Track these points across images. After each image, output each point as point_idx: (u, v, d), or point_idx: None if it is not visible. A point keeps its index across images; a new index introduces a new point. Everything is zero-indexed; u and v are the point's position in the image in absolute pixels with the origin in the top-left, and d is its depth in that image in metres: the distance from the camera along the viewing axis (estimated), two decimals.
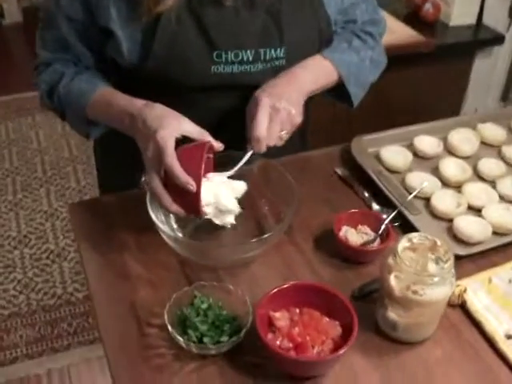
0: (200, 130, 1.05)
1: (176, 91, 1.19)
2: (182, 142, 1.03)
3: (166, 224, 1.11)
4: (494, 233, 1.19)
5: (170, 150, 0.99)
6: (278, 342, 0.95)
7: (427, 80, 2.11)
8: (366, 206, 1.27)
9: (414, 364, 0.98)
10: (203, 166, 1.00)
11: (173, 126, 1.02)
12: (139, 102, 1.09)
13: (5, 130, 3.23)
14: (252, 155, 1.10)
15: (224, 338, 0.97)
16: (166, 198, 1.01)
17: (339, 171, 1.35)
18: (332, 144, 1.46)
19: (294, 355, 0.93)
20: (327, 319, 0.98)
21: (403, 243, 0.97)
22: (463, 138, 1.41)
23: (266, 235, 1.06)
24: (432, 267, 0.96)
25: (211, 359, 0.97)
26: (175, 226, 1.15)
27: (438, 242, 0.97)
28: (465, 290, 1.06)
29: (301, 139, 1.42)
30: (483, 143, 1.44)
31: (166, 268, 1.12)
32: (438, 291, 0.94)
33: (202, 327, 0.97)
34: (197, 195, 1.00)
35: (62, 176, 2.97)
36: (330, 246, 1.16)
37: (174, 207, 1.02)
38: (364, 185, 1.31)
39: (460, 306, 1.06)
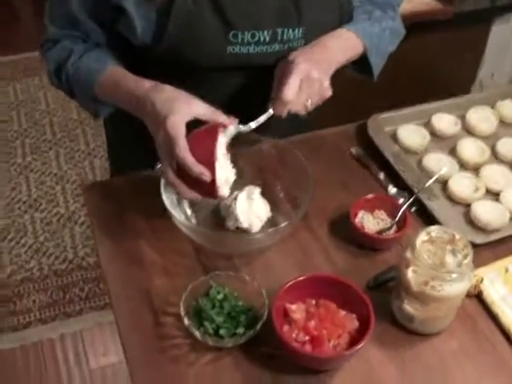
0: (212, 110, 1.02)
1: (190, 71, 1.16)
2: (194, 123, 1.01)
3: (179, 209, 1.10)
4: None
5: (182, 140, 0.97)
6: (293, 335, 0.95)
7: (444, 47, 2.05)
8: (382, 188, 1.25)
9: (430, 355, 0.99)
10: (216, 153, 0.98)
11: (183, 110, 0.99)
12: (147, 84, 1.06)
13: (13, 91, 3.19)
14: (270, 120, 1.07)
15: (240, 330, 0.97)
16: (182, 187, 0.99)
17: (354, 151, 1.33)
18: (345, 117, 1.42)
19: (310, 349, 0.93)
20: (344, 312, 0.98)
21: (422, 237, 0.96)
22: (482, 117, 1.38)
23: (281, 225, 1.05)
24: (450, 259, 0.95)
25: (227, 350, 0.97)
26: (189, 211, 1.13)
27: (457, 236, 0.96)
28: (481, 281, 1.05)
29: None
30: (502, 122, 1.40)
31: (181, 255, 1.11)
32: (456, 287, 0.93)
33: (218, 319, 0.97)
34: (212, 182, 0.98)
35: (71, 138, 2.95)
36: (345, 231, 1.15)
37: (191, 194, 1.00)
38: (380, 166, 1.29)
39: (476, 296, 1.06)
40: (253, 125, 1.06)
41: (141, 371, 0.96)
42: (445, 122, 1.36)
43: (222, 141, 1.03)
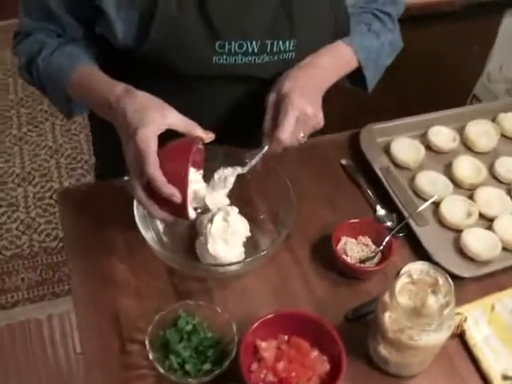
0: (187, 122, 0.95)
1: (173, 77, 1.10)
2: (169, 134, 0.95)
3: (151, 226, 1.05)
4: (504, 249, 1.12)
5: (152, 156, 0.89)
6: (262, 375, 0.91)
7: (452, 39, 1.95)
8: (370, 207, 1.19)
9: None
10: (189, 172, 0.92)
11: (155, 121, 0.91)
12: (119, 89, 0.98)
13: (10, 57, 3.08)
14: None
15: (207, 366, 0.93)
16: (152, 207, 0.93)
17: (345, 163, 1.26)
18: (343, 117, 1.35)
19: None
20: (315, 354, 0.94)
21: (402, 280, 0.90)
22: (481, 131, 1.31)
23: (260, 254, 1.01)
24: (432, 301, 0.90)
25: None
26: (161, 227, 1.08)
27: (440, 281, 0.90)
28: (465, 320, 1.00)
29: None
30: (504, 136, 1.33)
31: (154, 275, 1.07)
32: (434, 337, 0.88)
33: (185, 353, 0.94)
34: (183, 203, 0.92)
35: None
36: (327, 254, 1.09)
37: (161, 214, 0.94)
38: (371, 181, 1.22)
39: (459, 336, 1.01)
40: (249, 166, 1.01)
41: None
42: (442, 136, 1.29)
43: (198, 157, 0.97)
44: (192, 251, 1.08)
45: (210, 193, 0.97)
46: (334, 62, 1.10)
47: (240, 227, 1.07)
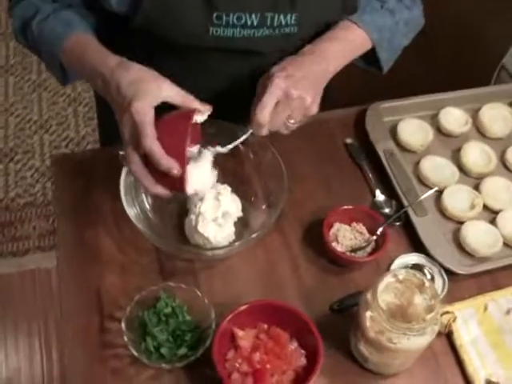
0: (183, 95, 0.91)
1: (170, 47, 1.05)
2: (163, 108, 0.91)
3: (137, 205, 1.02)
4: (506, 245, 1.07)
5: (149, 128, 0.86)
6: (237, 364, 0.89)
7: (480, 4, 1.84)
8: (370, 191, 1.15)
9: None
10: (187, 144, 0.88)
11: (151, 93, 0.88)
12: (113, 61, 0.94)
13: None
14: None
15: (182, 351, 0.92)
16: (148, 180, 0.89)
17: (349, 143, 1.21)
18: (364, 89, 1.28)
19: (251, 382, 0.88)
20: (293, 346, 0.92)
21: (386, 280, 0.87)
22: (497, 116, 1.23)
23: (250, 237, 0.98)
24: (419, 300, 0.87)
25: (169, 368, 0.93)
26: (148, 206, 1.05)
27: (427, 283, 0.86)
28: (454, 320, 0.97)
29: None
30: None
31: (140, 252, 1.05)
32: (415, 341, 0.85)
33: (161, 336, 0.92)
34: (182, 176, 0.89)
35: None
36: (319, 240, 1.05)
37: (158, 189, 0.90)
38: (373, 164, 1.17)
39: (446, 335, 0.98)
40: (231, 146, 0.96)
41: (78, 380, 0.93)
42: (453, 118, 1.22)
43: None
44: (181, 230, 1.05)
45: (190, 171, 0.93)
46: (340, 46, 1.03)
47: (232, 207, 1.04)
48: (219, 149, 0.95)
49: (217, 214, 1.01)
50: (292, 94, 0.92)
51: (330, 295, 1.00)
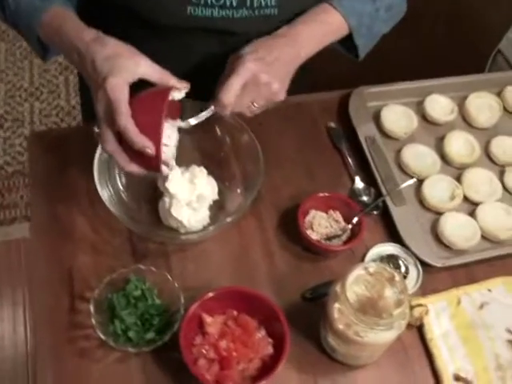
0: (160, 72, 0.89)
1: (147, 26, 1.02)
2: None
3: (110, 186, 1.00)
4: (484, 238, 1.06)
5: (123, 106, 0.84)
6: (204, 350, 0.89)
7: None
8: (349, 178, 1.13)
9: None
10: (163, 122, 0.86)
11: (127, 69, 0.86)
12: (89, 35, 0.91)
13: None
14: None
15: (150, 335, 0.91)
16: (123, 158, 0.88)
17: (331, 127, 1.19)
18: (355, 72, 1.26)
19: (217, 369, 0.88)
20: (261, 334, 0.91)
21: (356, 272, 0.86)
22: (483, 105, 1.21)
23: (224, 221, 0.97)
24: (389, 293, 0.86)
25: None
26: (121, 187, 1.03)
27: (397, 277, 0.85)
28: (426, 312, 0.96)
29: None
30: (508, 112, 1.24)
31: (113, 232, 1.04)
32: (382, 335, 0.84)
33: (129, 320, 0.92)
34: (157, 155, 0.87)
35: None
36: (295, 226, 1.03)
37: (132, 167, 0.89)
38: (355, 150, 1.15)
39: (418, 328, 0.97)
40: (192, 121, 0.94)
41: (47, 360, 0.92)
42: (440, 106, 1.20)
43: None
44: (155, 211, 1.04)
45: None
46: (316, 30, 1.00)
47: (207, 190, 1.03)
48: (180, 123, 0.93)
49: (191, 198, 1.00)
50: (260, 79, 0.90)
51: (303, 283, 1.00)
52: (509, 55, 2.01)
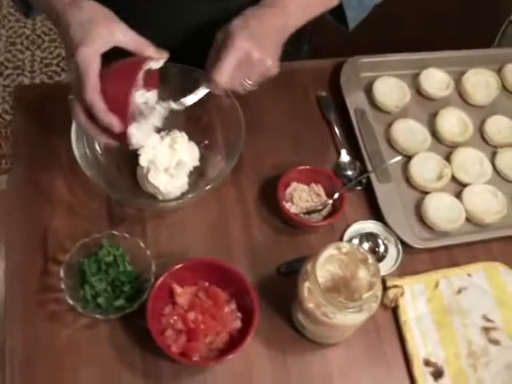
0: (137, 40, 0.85)
1: None
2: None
3: (88, 149, 0.98)
4: (468, 221, 1.03)
5: (92, 80, 0.81)
6: (172, 320, 0.88)
7: None
8: (336, 150, 1.10)
9: (318, 364, 0.91)
10: (131, 97, 0.83)
11: (100, 37, 0.82)
12: None
13: None
14: None
15: (119, 302, 0.90)
16: (93, 130, 0.86)
17: (322, 97, 1.16)
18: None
19: (185, 340, 0.87)
20: (231, 307, 0.90)
21: (328, 252, 0.84)
22: (481, 82, 1.17)
23: (202, 189, 0.95)
24: (362, 274, 0.84)
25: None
26: (99, 150, 1.00)
27: (370, 260, 0.83)
28: (401, 294, 0.95)
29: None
30: (506, 90, 1.19)
31: (91, 196, 1.02)
32: (351, 317, 0.82)
33: (100, 286, 0.91)
34: (124, 131, 0.85)
35: None
36: (275, 197, 1.01)
37: (104, 139, 0.87)
38: (343, 122, 1.12)
39: (392, 309, 0.96)
40: (185, 102, 0.91)
41: (17, 322, 0.91)
42: (435, 80, 1.16)
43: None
44: (133, 176, 1.02)
45: (139, 123, 0.88)
46: (304, 1, 0.95)
47: (186, 156, 1.00)
48: (172, 105, 0.90)
49: (170, 164, 0.98)
50: (253, 56, 0.86)
51: (280, 257, 0.98)
52: None
